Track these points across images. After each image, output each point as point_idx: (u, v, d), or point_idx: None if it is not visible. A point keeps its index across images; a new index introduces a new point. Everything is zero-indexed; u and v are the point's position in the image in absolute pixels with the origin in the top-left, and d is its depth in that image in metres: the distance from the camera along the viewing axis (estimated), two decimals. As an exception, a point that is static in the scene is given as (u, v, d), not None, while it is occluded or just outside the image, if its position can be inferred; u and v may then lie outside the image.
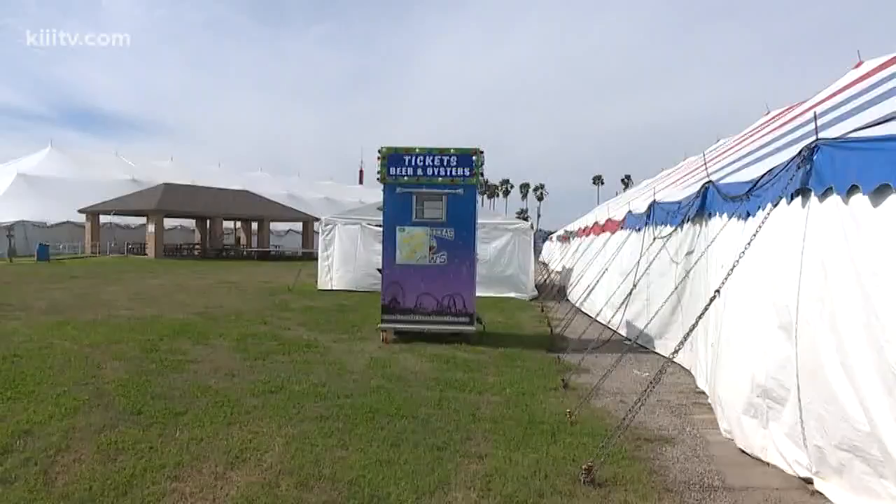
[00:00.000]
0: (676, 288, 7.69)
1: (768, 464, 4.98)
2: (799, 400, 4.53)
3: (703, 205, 7.49)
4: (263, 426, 5.75)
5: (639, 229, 10.68)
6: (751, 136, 9.10)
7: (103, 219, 41.45)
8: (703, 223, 7.52)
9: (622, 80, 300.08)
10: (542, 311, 15.32)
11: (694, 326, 5.00)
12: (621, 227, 12.46)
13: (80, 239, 40.81)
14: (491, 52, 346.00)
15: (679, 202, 8.52)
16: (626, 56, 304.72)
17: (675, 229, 8.34)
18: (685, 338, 5.06)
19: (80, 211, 40.64)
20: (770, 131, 8.06)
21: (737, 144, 9.15)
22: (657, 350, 9.34)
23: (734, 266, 4.92)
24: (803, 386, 4.47)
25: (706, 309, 5.05)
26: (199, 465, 4.80)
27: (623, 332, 10.43)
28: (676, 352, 5.08)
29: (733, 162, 7.94)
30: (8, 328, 10.59)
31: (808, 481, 4.52)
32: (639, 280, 9.08)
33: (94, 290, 17.75)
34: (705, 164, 8.80)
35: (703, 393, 7.12)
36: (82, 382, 7.12)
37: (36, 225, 38.93)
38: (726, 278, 4.98)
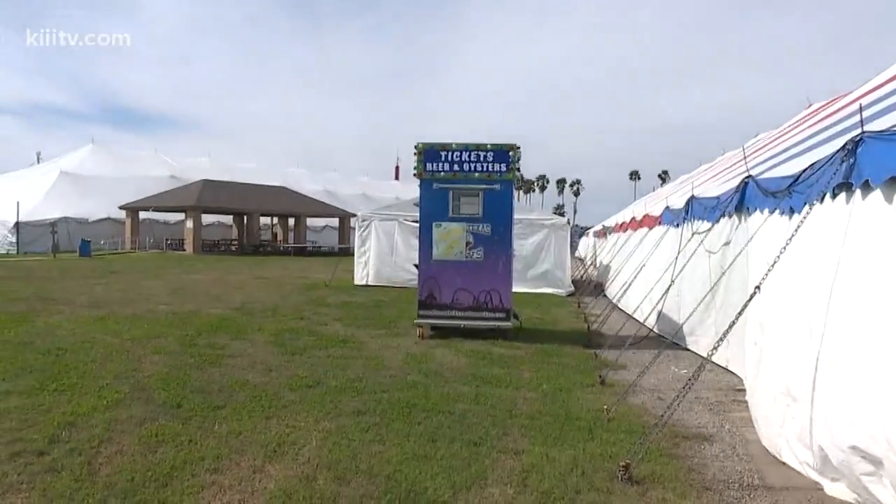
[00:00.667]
0: (714, 285, 7.60)
1: (784, 463, 4.92)
2: (812, 400, 4.46)
3: (743, 200, 7.38)
4: (301, 420, 5.80)
5: (676, 225, 10.58)
6: (792, 129, 8.93)
7: (143, 215, 42.10)
8: (743, 219, 7.43)
9: (659, 75, 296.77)
10: (579, 307, 15.26)
11: (733, 323, 4.94)
12: (659, 223, 12.35)
13: (121, 235, 41.46)
14: (528, 47, 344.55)
15: (717, 197, 8.41)
16: (663, 50, 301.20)
17: (714, 225, 8.25)
18: (724, 335, 5.00)
19: (121, 207, 41.30)
20: (812, 124, 7.90)
21: (777, 138, 8.99)
22: (689, 347, 9.25)
23: (774, 262, 4.85)
24: (819, 385, 4.40)
25: (745, 305, 4.99)
26: (237, 458, 4.86)
27: (659, 328, 10.35)
28: (715, 349, 5.03)
29: (774, 156, 7.81)
30: (52, 322, 10.80)
31: (818, 485, 4.46)
32: (676, 276, 8.99)
33: (134, 285, 18.04)
34: (745, 158, 8.67)
35: (742, 390, 7.04)
36: (123, 376, 7.25)
37: (78, 221, 39.62)
38: (766, 275, 4.92)
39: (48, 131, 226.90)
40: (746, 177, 7.26)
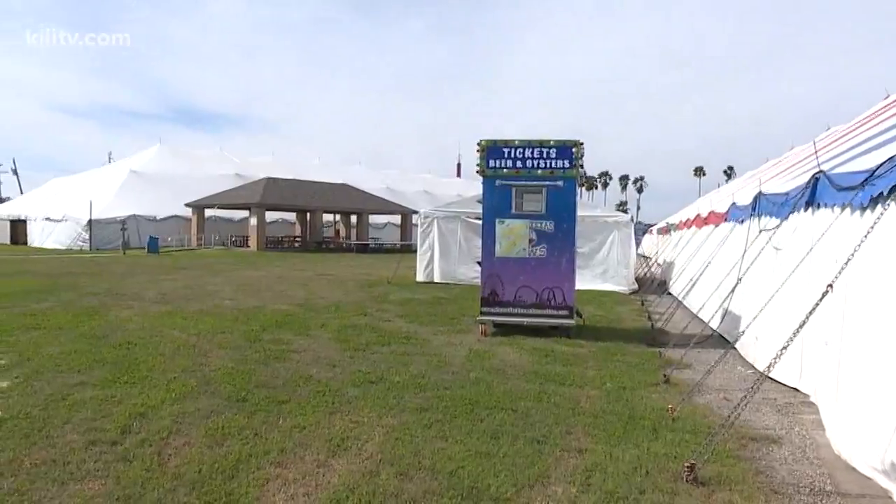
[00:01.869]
0: (784, 283, 7.42)
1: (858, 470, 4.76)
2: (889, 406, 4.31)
3: (814, 196, 7.18)
4: (364, 416, 5.85)
5: (743, 221, 10.36)
6: (867, 122, 8.66)
7: (208, 212, 42.92)
8: (813, 215, 7.23)
9: (724, 68, 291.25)
10: (642, 305, 15.07)
11: (804, 323, 4.81)
12: (724, 220, 12.12)
13: (187, 232, 42.38)
14: (590, 42, 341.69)
15: (787, 193, 8.21)
16: (728, 42, 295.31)
17: (782, 222, 8.06)
18: (794, 335, 4.88)
19: (187, 205, 42.19)
20: (890, 116, 7.65)
21: (851, 132, 8.73)
22: (749, 349, 9.02)
23: (848, 260, 4.71)
24: None
25: (817, 305, 4.85)
26: (301, 452, 4.93)
27: (723, 326, 10.14)
28: (785, 348, 4.90)
29: (847, 150, 7.59)
30: (122, 317, 11.11)
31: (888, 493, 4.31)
32: (744, 274, 8.80)
33: (200, 281, 18.42)
34: (815, 152, 8.45)
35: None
36: (190, 370, 7.42)
37: (146, 219, 40.62)
38: (839, 273, 4.78)
39: (119, 132, 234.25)
40: (818, 172, 7.07)
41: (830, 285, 4.85)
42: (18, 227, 44.50)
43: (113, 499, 4.04)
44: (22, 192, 74.27)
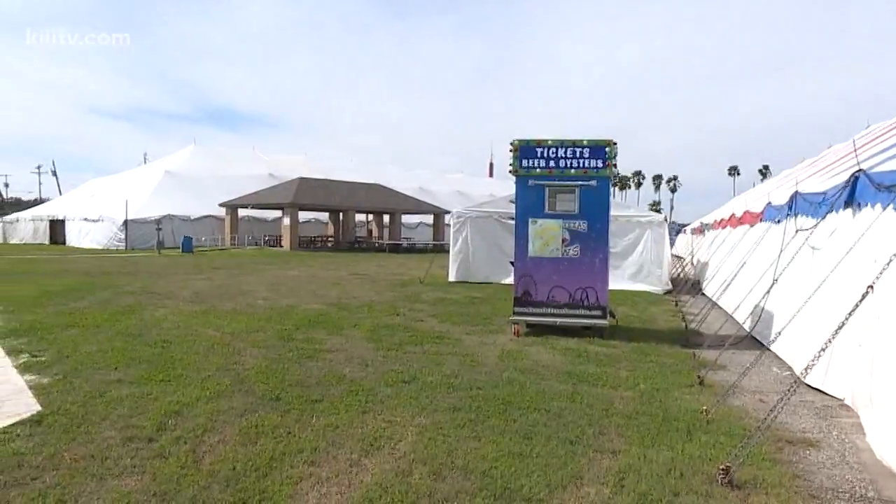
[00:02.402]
0: (821, 284, 7.32)
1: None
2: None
3: (853, 195, 7.07)
4: (397, 415, 5.86)
5: (779, 221, 10.24)
6: (908, 120, 8.53)
7: (241, 212, 43.38)
8: (852, 214, 7.12)
9: (760, 65, 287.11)
10: (676, 305, 14.94)
11: (843, 325, 4.74)
12: (760, 220, 11.99)
13: (220, 231, 42.84)
14: (623, 39, 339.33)
15: (824, 192, 8.09)
16: (764, 39, 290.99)
17: (820, 221, 7.94)
18: (832, 337, 4.81)
19: (221, 205, 42.67)
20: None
21: (892, 129, 8.58)
22: (785, 350, 8.89)
23: (890, 261, 4.63)
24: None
25: (857, 306, 4.78)
26: (334, 451, 4.95)
27: (758, 328, 10.02)
28: (823, 349, 4.83)
29: (888, 148, 7.45)
30: (157, 315, 11.25)
31: None
32: (780, 275, 8.69)
33: (234, 280, 18.60)
34: (855, 151, 8.31)
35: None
36: (224, 368, 7.49)
37: (181, 219, 41.17)
38: (881, 273, 4.70)
39: (153, 133, 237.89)
40: (857, 170, 6.96)
41: (871, 286, 4.77)
42: (57, 227, 45.37)
43: (149, 495, 4.09)
44: (61, 193, 75.78)
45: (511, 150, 10.19)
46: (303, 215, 43.82)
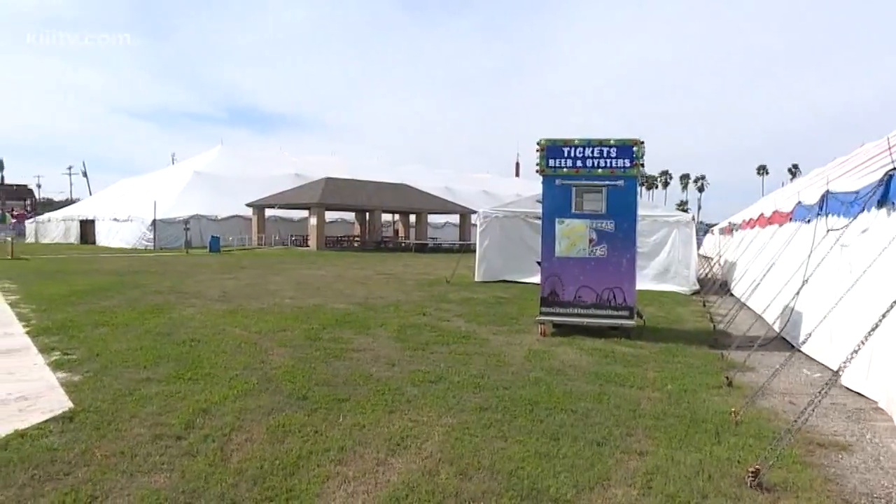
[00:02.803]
0: (853, 284, 7.22)
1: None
2: None
3: (887, 194, 6.96)
4: (423, 415, 5.87)
5: (809, 221, 10.11)
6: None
7: (268, 212, 43.67)
8: (887, 214, 7.02)
9: (789, 62, 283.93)
10: (704, 306, 14.83)
11: (877, 325, 4.67)
12: (789, 219, 11.85)
13: (247, 231, 43.13)
14: (650, 37, 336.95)
15: (856, 192, 7.98)
16: (793, 36, 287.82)
17: (852, 221, 7.84)
18: (866, 337, 4.74)
19: (248, 205, 42.98)
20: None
21: (925, 128, 8.45)
22: (816, 352, 8.78)
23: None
24: None
25: (893, 306, 4.70)
26: (361, 450, 4.96)
27: (788, 329, 9.90)
28: (856, 352, 4.76)
29: (922, 147, 7.35)
30: (185, 314, 11.35)
31: None
32: (810, 276, 8.59)
33: (261, 279, 18.72)
34: (889, 149, 8.19)
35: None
36: (252, 367, 7.54)
37: (208, 219, 41.58)
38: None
39: (181, 134, 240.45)
40: (892, 169, 6.86)
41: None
42: (87, 227, 45.97)
43: (178, 492, 4.12)
44: (91, 194, 76.78)
45: (538, 150, 10.16)
46: (329, 215, 44.00)
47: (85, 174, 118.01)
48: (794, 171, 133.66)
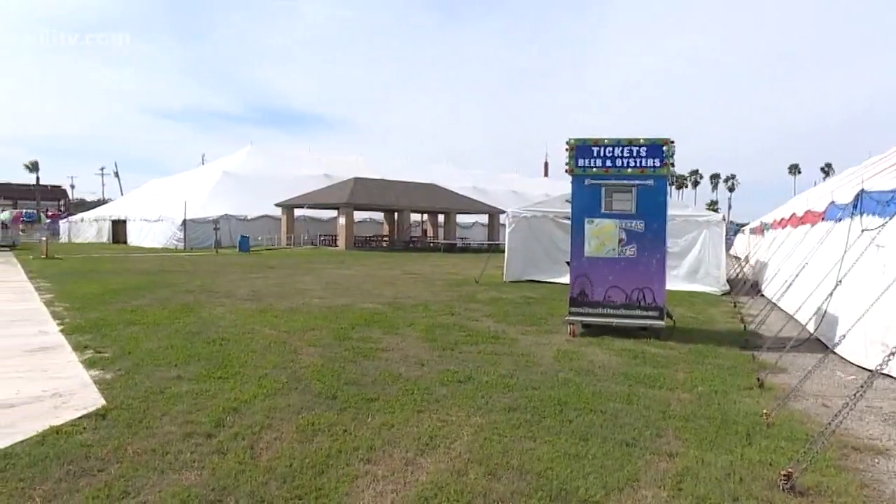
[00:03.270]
0: (890, 285, 7.11)
1: None
2: None
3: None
4: (452, 415, 5.87)
5: (842, 220, 9.98)
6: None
7: (297, 212, 43.89)
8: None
9: (822, 59, 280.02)
10: (735, 306, 14.68)
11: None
12: (822, 219, 11.70)
13: (276, 231, 43.41)
14: (679, 35, 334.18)
15: (892, 191, 7.87)
16: (826, 33, 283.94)
17: (888, 221, 7.72)
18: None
19: (277, 205, 43.22)
20: None
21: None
22: (851, 354, 8.65)
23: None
24: None
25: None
26: (390, 449, 4.98)
27: (821, 330, 9.77)
28: (893, 353, 4.69)
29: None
30: (215, 314, 11.45)
31: None
32: (844, 276, 8.48)
33: (290, 279, 18.82)
34: (924, 149, 8.08)
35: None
36: (281, 366, 7.59)
37: (238, 218, 41.85)
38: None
39: (211, 134, 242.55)
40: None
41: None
42: (119, 227, 46.51)
43: (208, 489, 4.16)
44: (122, 194, 77.79)
45: (567, 150, 10.11)
46: (358, 215, 44.12)
47: (117, 175, 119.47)
48: (826, 170, 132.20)
